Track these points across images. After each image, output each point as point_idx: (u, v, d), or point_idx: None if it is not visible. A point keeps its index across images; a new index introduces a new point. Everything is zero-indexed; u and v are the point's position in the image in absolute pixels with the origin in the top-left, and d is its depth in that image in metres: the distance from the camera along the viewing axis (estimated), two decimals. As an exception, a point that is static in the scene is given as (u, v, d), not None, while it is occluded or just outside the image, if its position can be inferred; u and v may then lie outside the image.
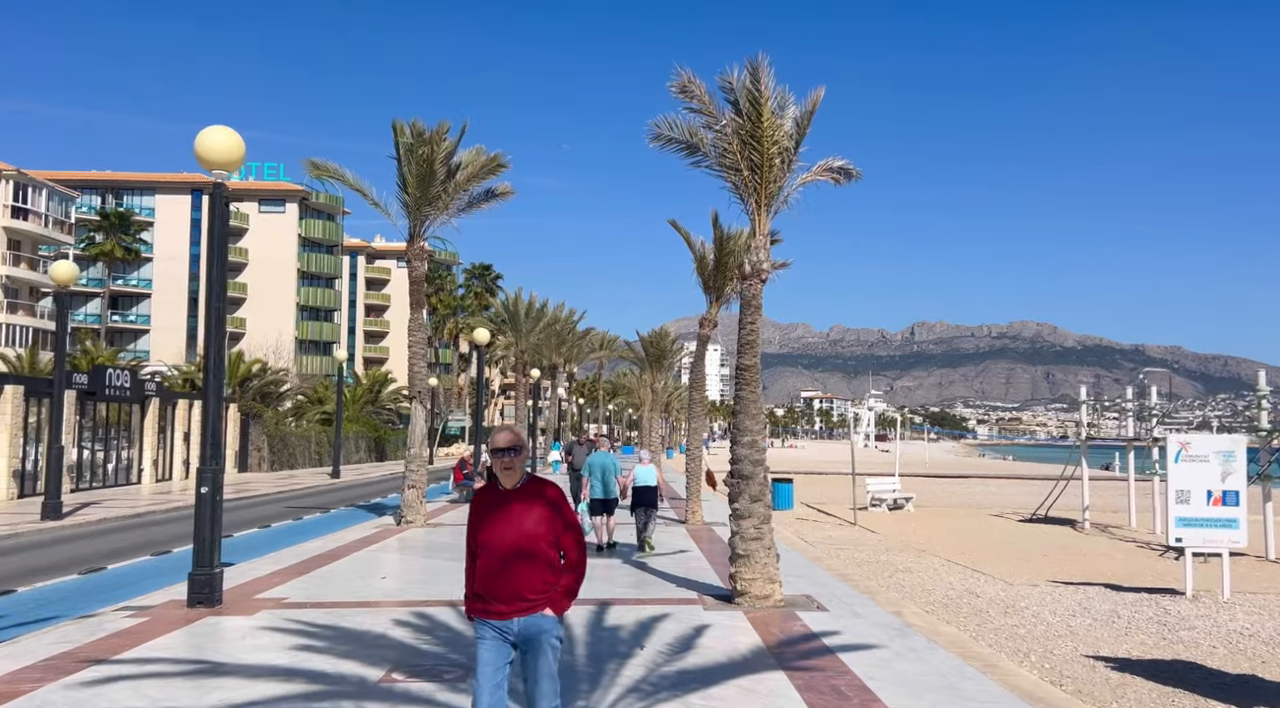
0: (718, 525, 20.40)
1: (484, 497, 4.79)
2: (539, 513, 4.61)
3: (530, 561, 4.56)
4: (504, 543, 4.58)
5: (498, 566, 4.58)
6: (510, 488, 4.66)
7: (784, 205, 11.22)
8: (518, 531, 4.58)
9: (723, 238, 20.20)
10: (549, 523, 4.62)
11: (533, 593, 4.58)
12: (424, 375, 21.11)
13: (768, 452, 43.81)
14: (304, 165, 20.34)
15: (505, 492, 4.68)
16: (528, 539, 4.56)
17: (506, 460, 4.63)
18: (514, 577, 4.55)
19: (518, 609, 4.57)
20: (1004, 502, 34.27)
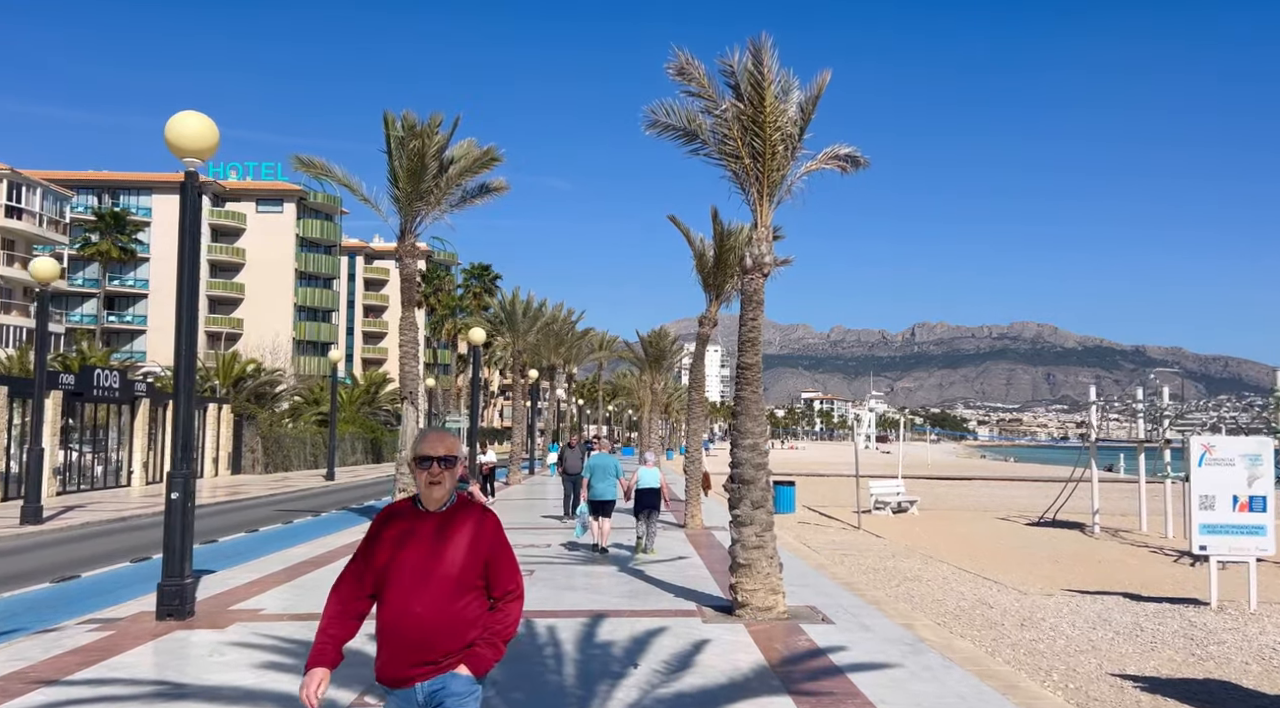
0: (717, 530, 19.81)
1: (395, 518, 3.63)
2: (466, 546, 3.50)
3: (446, 607, 3.46)
4: (411, 582, 3.46)
5: (398, 612, 3.47)
6: (433, 510, 3.59)
7: (787, 195, 10.64)
8: (433, 566, 3.47)
9: (723, 234, 19.61)
10: (478, 561, 3.52)
11: (445, 650, 3.48)
12: (416, 376, 20.52)
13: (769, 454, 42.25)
14: (292, 161, 19.77)
15: (424, 514, 3.59)
16: (445, 580, 3.46)
17: (434, 473, 3.55)
18: (421, 628, 3.46)
19: (424, 672, 3.48)
20: (1009, 504, 33.67)
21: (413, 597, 3.47)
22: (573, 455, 21.94)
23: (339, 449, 51.03)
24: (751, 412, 10.47)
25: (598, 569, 13.92)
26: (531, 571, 13.63)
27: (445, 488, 3.59)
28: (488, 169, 20.78)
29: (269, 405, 49.16)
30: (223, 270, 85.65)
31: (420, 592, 3.47)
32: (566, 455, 22.14)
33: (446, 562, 3.49)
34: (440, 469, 3.57)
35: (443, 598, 3.48)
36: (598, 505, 15.69)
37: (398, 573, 3.48)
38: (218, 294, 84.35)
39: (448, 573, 3.48)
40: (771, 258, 10.50)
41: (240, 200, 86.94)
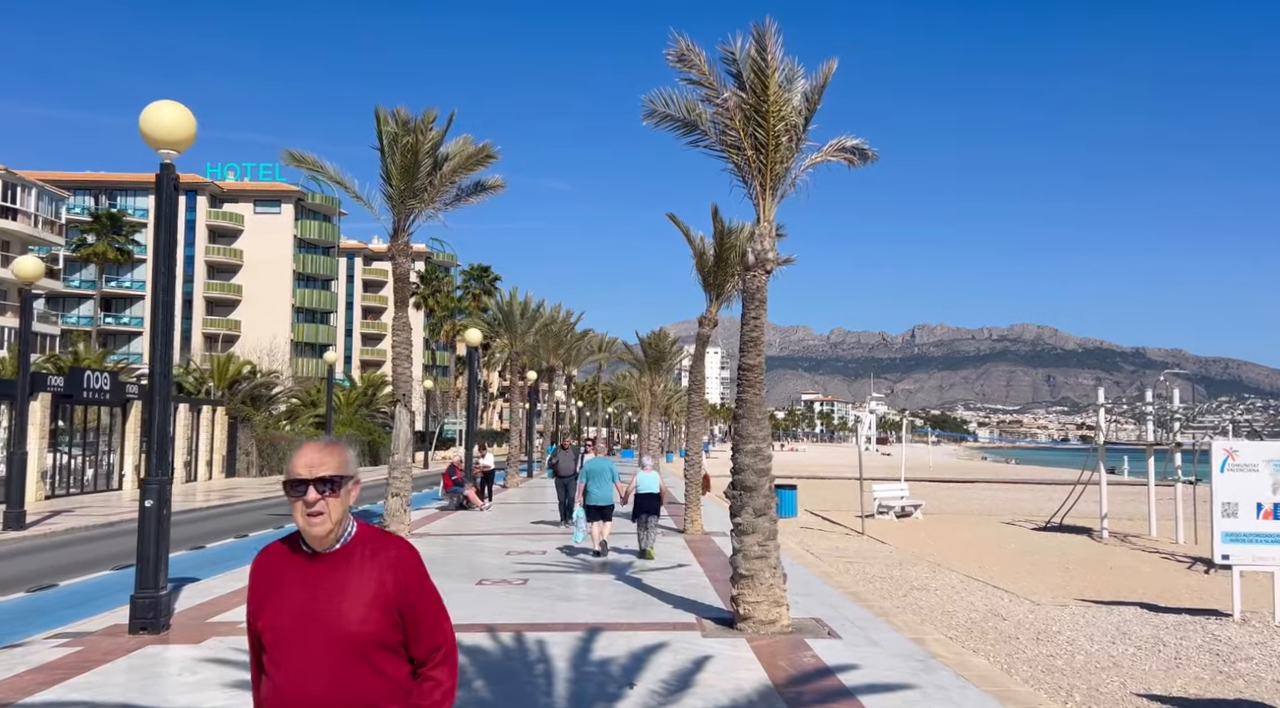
0: (718, 536, 19.33)
1: (269, 566, 2.77)
2: (369, 595, 2.64)
3: (342, 684, 2.59)
4: (292, 650, 2.63)
5: (277, 694, 2.64)
6: (320, 550, 2.69)
7: (791, 189, 10.16)
8: (321, 627, 2.61)
9: (723, 232, 19.14)
10: (387, 614, 2.65)
11: None
12: (410, 377, 20.03)
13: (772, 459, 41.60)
14: (283, 156, 19.28)
15: (309, 559, 2.70)
16: (339, 644, 2.60)
17: (311, 501, 2.62)
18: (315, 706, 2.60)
19: None
20: (1014, 508, 33.18)
21: (294, 671, 2.60)
22: (566, 458, 21.09)
23: (335, 452, 50.50)
24: (754, 415, 9.99)
25: (594, 578, 13.44)
26: (525, 580, 13.16)
27: (333, 521, 2.64)
28: (483, 166, 20.30)
29: (265, 408, 48.67)
30: (220, 272, 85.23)
31: (303, 664, 2.60)
32: (560, 458, 21.19)
33: (341, 619, 2.61)
34: (320, 495, 2.61)
35: (336, 670, 2.59)
36: (594, 511, 15.41)
37: (275, 640, 2.64)
38: (215, 295, 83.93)
39: (342, 635, 2.59)
40: (774, 254, 10.03)
41: (238, 201, 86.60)
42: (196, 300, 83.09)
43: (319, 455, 2.67)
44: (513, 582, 12.97)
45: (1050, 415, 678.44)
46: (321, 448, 2.72)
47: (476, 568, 14.48)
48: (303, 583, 2.67)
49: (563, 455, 21.19)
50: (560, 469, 20.95)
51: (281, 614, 2.66)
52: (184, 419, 36.54)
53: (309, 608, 2.64)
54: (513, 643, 9.16)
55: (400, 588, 2.68)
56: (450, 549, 17.00)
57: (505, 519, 22.79)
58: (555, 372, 52.99)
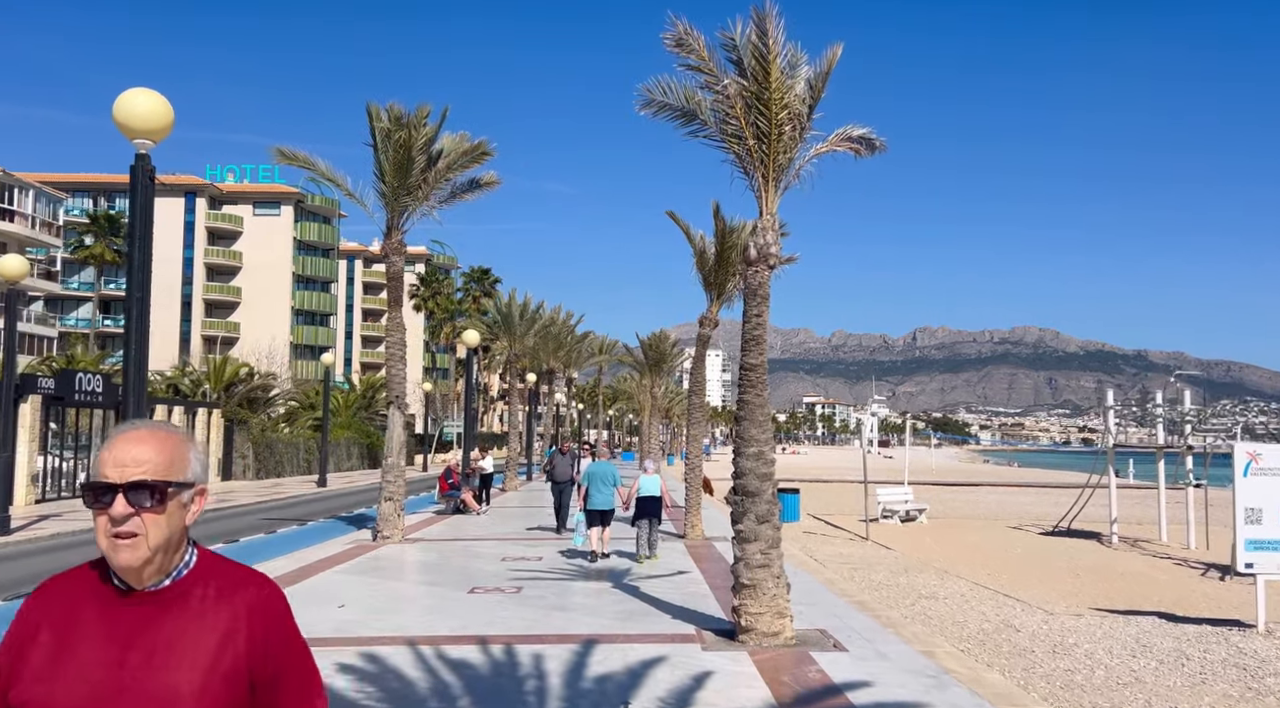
0: (719, 541, 18.87)
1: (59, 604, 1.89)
2: (207, 657, 1.83)
3: None
4: None
5: None
6: (141, 589, 1.87)
7: (795, 180, 9.71)
8: (131, 700, 1.77)
9: (724, 230, 18.70)
10: (234, 684, 1.84)
11: None
12: (404, 377, 19.60)
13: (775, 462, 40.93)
14: (272, 154, 18.87)
15: (121, 598, 1.87)
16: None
17: (118, 515, 1.82)
18: None
19: None
20: (1019, 512, 32.69)
21: None
22: (563, 462, 20.24)
23: (334, 455, 50.14)
24: (756, 417, 9.54)
25: (591, 585, 12.99)
26: (520, 588, 12.71)
27: (152, 547, 1.82)
28: (478, 163, 19.89)
29: (262, 410, 48.25)
30: (219, 274, 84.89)
31: None
32: (556, 462, 20.43)
33: (165, 694, 1.77)
34: (133, 510, 1.81)
35: None
36: (595, 515, 15.23)
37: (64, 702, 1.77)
38: (214, 298, 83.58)
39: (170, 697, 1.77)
40: (778, 249, 9.58)
41: (237, 203, 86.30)
42: (195, 302, 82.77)
43: (137, 449, 1.85)
44: (506, 590, 12.53)
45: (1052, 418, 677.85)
46: (142, 438, 1.87)
47: (470, 575, 14.03)
48: (106, 637, 1.80)
49: (559, 460, 20.41)
50: (556, 474, 20.24)
51: (64, 685, 1.75)
52: (179, 422, 36.10)
53: (113, 677, 1.76)
54: (503, 657, 8.71)
55: (257, 647, 1.87)
56: (444, 555, 16.55)
57: (502, 524, 22.33)
58: (555, 374, 52.59)
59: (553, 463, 20.66)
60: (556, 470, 20.28)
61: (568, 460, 20.31)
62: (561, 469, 20.21)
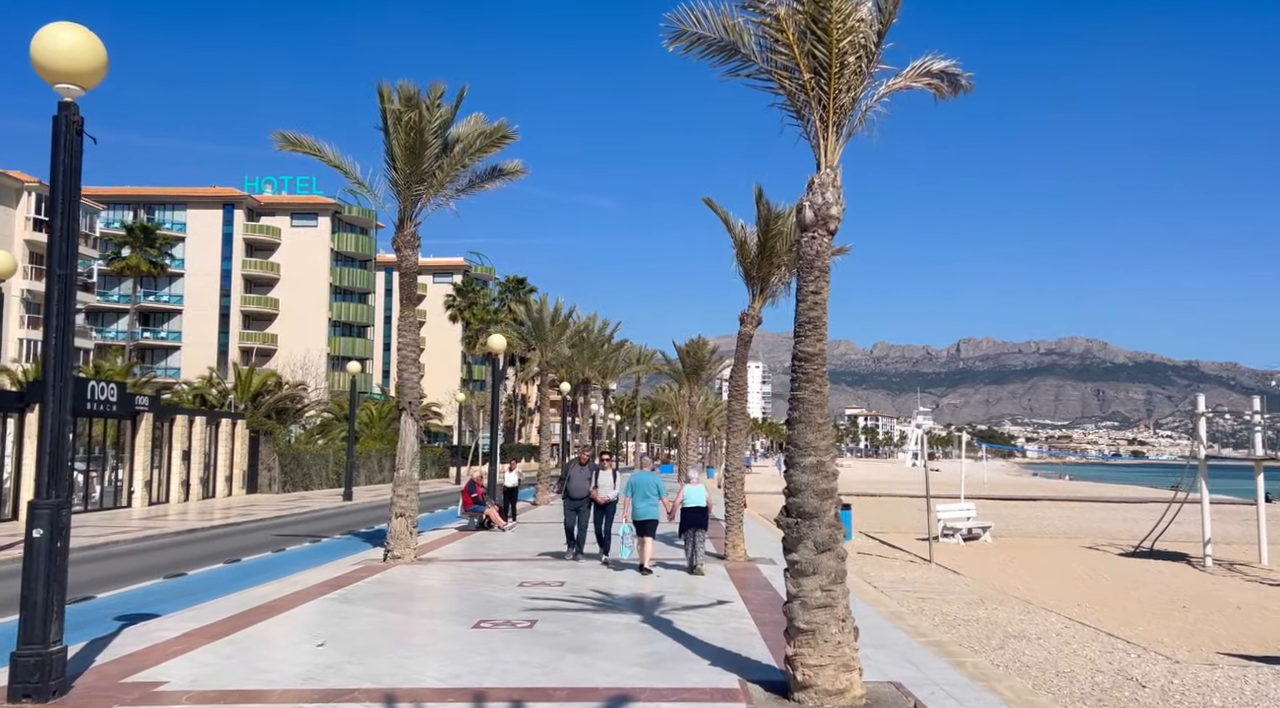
0: (763, 563, 16.95)
1: None
2: None
3: None
4: None
5: None
6: None
7: (860, 126, 7.86)
8: None
9: (768, 216, 16.86)
10: None
11: None
12: (416, 382, 17.94)
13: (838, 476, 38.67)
14: (274, 139, 17.35)
15: None
16: None
17: None
18: None
19: None
20: (1089, 529, 30.24)
21: None
22: (579, 475, 17.19)
23: (364, 467, 48.80)
24: (813, 418, 7.66)
25: (616, 619, 11.15)
26: (533, 621, 10.91)
27: None
28: (498, 148, 18.23)
29: (291, 421, 47.06)
30: (257, 285, 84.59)
31: None
32: (572, 476, 17.31)
33: None
34: None
35: None
36: (640, 525, 15.31)
37: None
38: (252, 310, 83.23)
39: None
40: (840, 209, 7.72)
41: (275, 214, 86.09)
42: (234, 314, 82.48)
43: None
44: (517, 624, 10.73)
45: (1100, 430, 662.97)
46: None
47: (479, 604, 12.27)
48: None
49: (576, 472, 17.35)
50: (572, 489, 17.21)
51: None
52: (200, 432, 34.88)
53: None
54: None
55: None
56: (456, 579, 14.80)
57: (526, 542, 20.57)
58: (591, 384, 50.87)
59: (568, 475, 17.64)
60: (572, 484, 17.25)
61: (586, 473, 17.31)
62: (578, 483, 17.19)
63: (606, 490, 16.92)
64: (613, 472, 17.19)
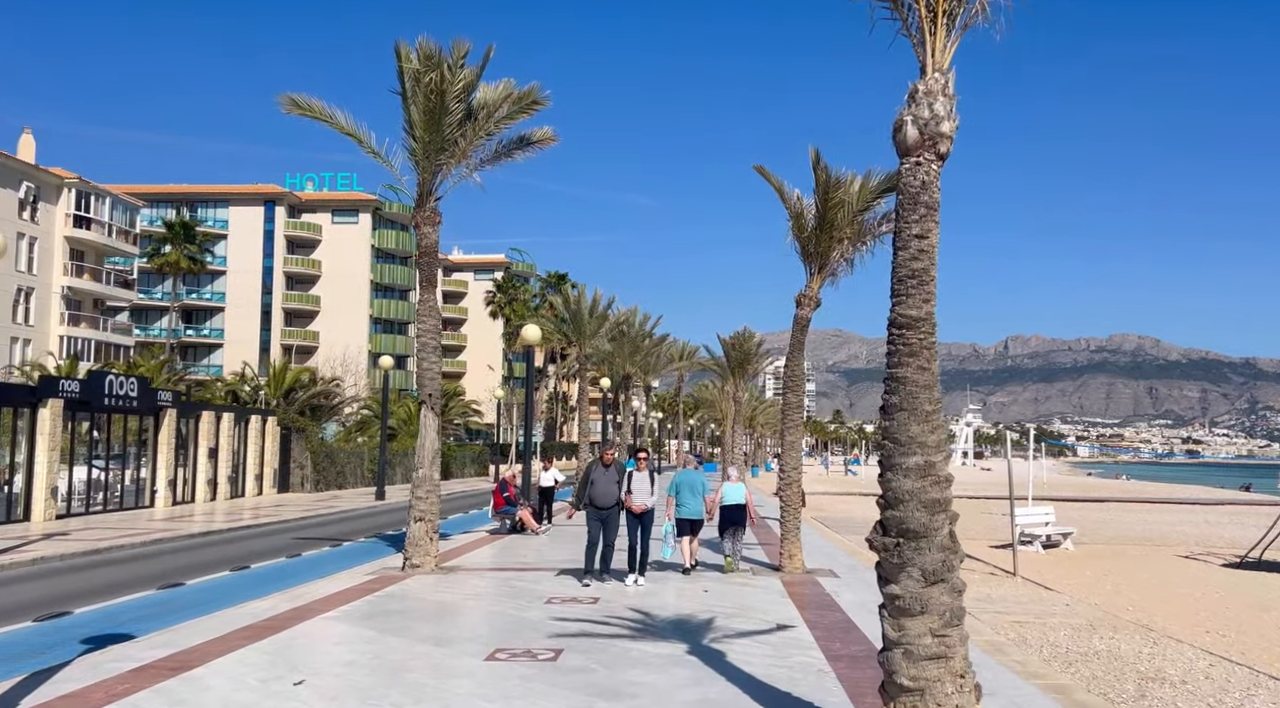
0: (823, 575, 15.04)
1: None
2: None
3: None
4: None
5: None
6: None
7: (980, 17, 5.93)
8: None
9: (827, 184, 14.91)
10: None
11: None
12: (436, 373, 16.26)
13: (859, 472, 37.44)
14: (281, 102, 15.76)
15: None
16: None
17: None
18: None
19: None
20: (1174, 535, 27.77)
21: None
22: (604, 479, 13.89)
23: (400, 465, 47.50)
24: (918, 404, 5.77)
25: (656, 648, 9.34)
26: (559, 650, 9.13)
27: None
28: (528, 114, 16.49)
29: (325, 418, 45.88)
30: (299, 283, 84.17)
31: None
32: (596, 479, 13.92)
33: None
34: None
35: None
36: (684, 525, 14.89)
37: None
38: (293, 307, 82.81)
39: None
40: (952, 124, 5.83)
41: (316, 211, 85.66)
42: (275, 311, 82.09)
43: None
44: (539, 655, 8.97)
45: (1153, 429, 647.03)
46: None
47: (498, 627, 10.52)
48: None
49: (600, 475, 13.92)
50: (596, 496, 13.88)
51: None
52: (227, 429, 33.67)
53: None
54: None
55: None
56: (477, 593, 13.07)
57: (560, 548, 18.82)
58: (633, 381, 49.13)
59: (589, 480, 14.04)
60: (596, 490, 13.86)
61: (612, 475, 13.87)
62: (603, 488, 13.83)
63: (643, 496, 13.89)
64: (650, 473, 14.11)
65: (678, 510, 14.88)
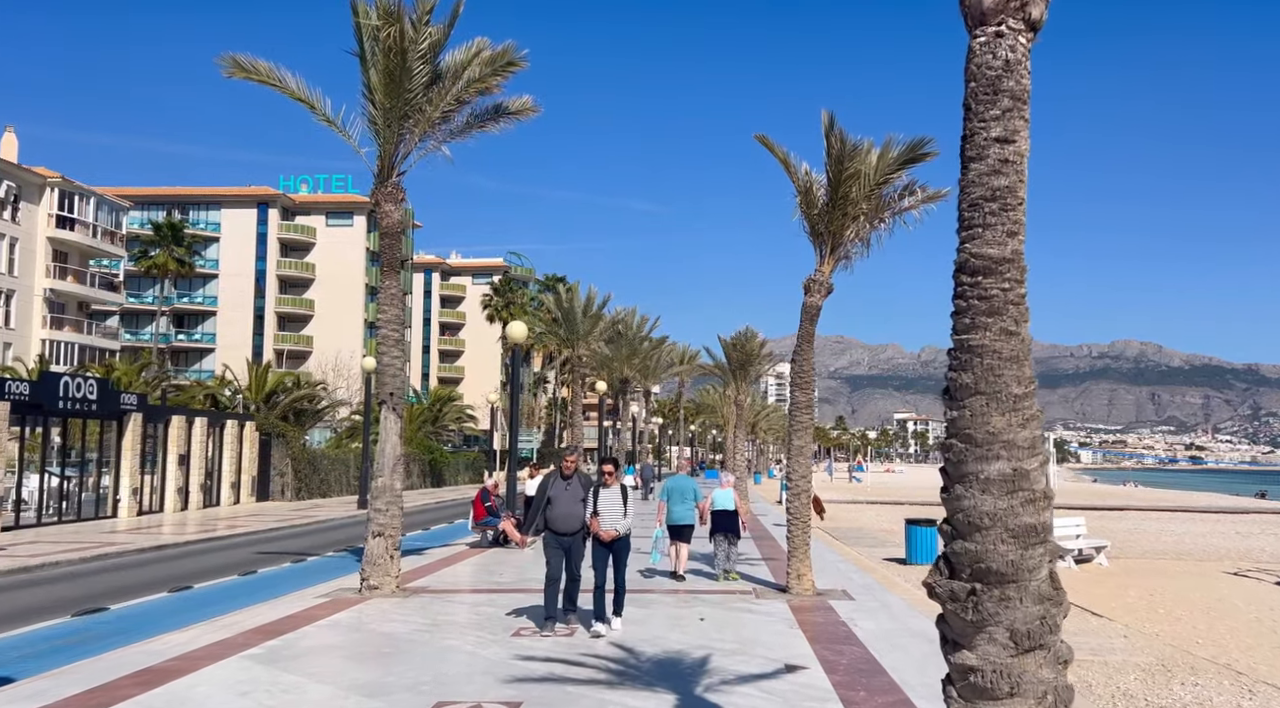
0: (837, 598, 13.21)
1: None
2: None
3: None
4: None
5: None
6: None
7: None
8: None
9: (841, 153, 13.12)
10: None
11: None
12: (398, 370, 14.46)
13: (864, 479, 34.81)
14: (221, 63, 13.95)
15: None
16: None
17: None
18: None
19: None
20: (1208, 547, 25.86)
21: None
22: (566, 497, 10.32)
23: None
24: (1001, 385, 3.94)
25: (635, 702, 7.50)
26: (514, 705, 7.29)
27: None
28: (502, 78, 14.69)
29: (309, 423, 44.07)
30: (292, 286, 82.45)
31: None
32: (554, 498, 10.35)
33: None
34: None
35: None
36: (676, 530, 14.66)
37: None
38: (287, 311, 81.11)
39: None
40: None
41: (310, 214, 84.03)
42: (268, 315, 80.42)
43: None
44: (490, 711, 7.13)
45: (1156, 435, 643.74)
46: None
47: (450, 668, 8.68)
48: None
49: (560, 492, 10.35)
50: (554, 519, 10.35)
51: None
52: (200, 434, 31.85)
53: None
54: None
55: None
56: (433, 624, 11.20)
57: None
58: (631, 385, 47.36)
59: (546, 497, 10.44)
60: (554, 511, 10.32)
61: (575, 491, 10.36)
62: (564, 508, 10.28)
63: (613, 519, 10.30)
64: (622, 489, 10.47)
65: (668, 516, 14.62)
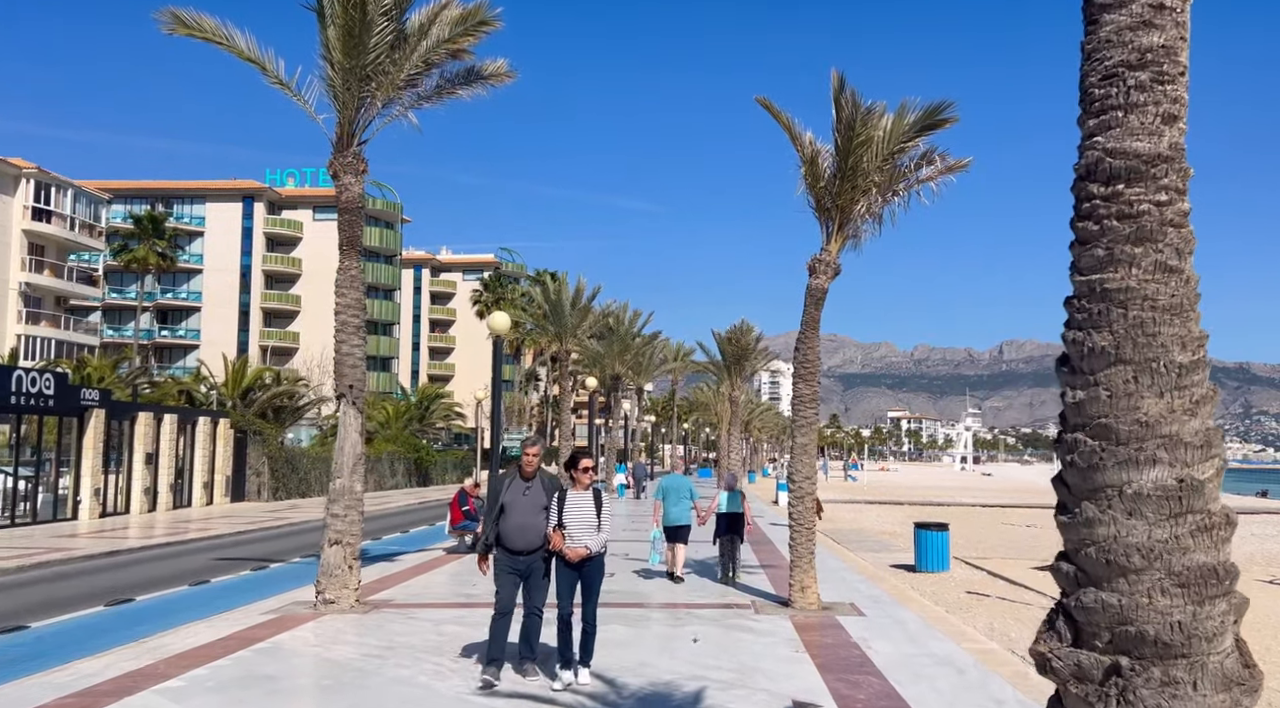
0: (844, 612, 11.87)
1: None
2: None
3: None
4: None
5: None
6: None
7: None
8: None
9: (852, 119, 11.76)
10: None
11: None
12: (357, 360, 13.07)
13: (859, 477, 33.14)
14: (160, 19, 12.52)
15: None
16: None
17: None
18: None
19: None
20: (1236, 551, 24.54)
21: None
22: (524, 503, 8.04)
23: (373, 472, 44.26)
24: (1156, 351, 2.53)
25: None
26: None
27: None
28: (473, 38, 13.31)
29: (289, 420, 42.59)
30: (278, 282, 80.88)
31: None
32: (508, 505, 8.03)
33: None
34: None
35: None
36: (671, 531, 14.45)
37: None
38: (273, 306, 79.53)
39: None
40: None
41: (297, 208, 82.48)
42: (254, 311, 78.89)
43: None
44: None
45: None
46: None
47: (393, 710, 7.28)
48: None
49: (517, 499, 8.07)
50: (508, 534, 8.05)
51: None
52: (170, 432, 30.38)
53: None
54: None
55: None
56: (386, 648, 9.78)
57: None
58: (623, 382, 45.97)
59: (500, 503, 8.14)
60: (509, 522, 8.03)
61: (536, 497, 8.04)
62: (520, 518, 8.01)
63: (585, 532, 7.98)
64: (596, 494, 8.14)
65: (663, 517, 14.45)
